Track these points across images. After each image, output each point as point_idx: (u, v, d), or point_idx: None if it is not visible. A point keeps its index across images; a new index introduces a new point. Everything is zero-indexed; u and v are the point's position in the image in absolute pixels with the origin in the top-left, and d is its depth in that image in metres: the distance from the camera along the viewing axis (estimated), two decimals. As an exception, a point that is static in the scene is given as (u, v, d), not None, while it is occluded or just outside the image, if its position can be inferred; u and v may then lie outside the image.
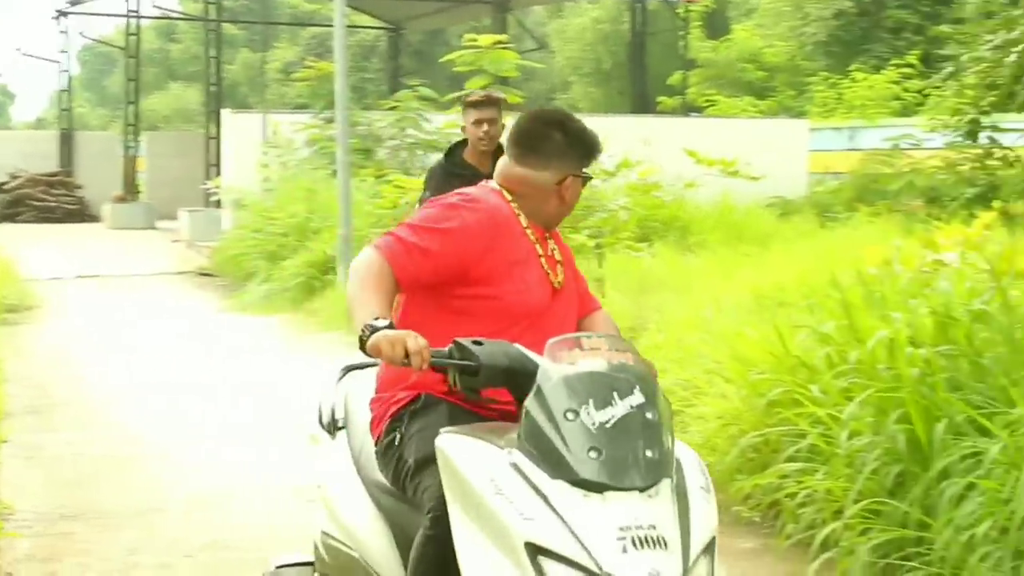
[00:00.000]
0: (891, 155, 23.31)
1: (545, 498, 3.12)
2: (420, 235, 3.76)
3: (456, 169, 7.44)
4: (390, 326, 3.43)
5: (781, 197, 22.74)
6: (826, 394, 6.53)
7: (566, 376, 3.27)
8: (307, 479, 7.36)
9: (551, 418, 3.20)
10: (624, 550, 3.05)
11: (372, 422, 3.95)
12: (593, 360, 3.33)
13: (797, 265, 11.18)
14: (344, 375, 4.42)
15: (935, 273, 7.87)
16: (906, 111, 29.67)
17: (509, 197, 3.97)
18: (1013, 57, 6.00)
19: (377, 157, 20.67)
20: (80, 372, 11.98)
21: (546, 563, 3.05)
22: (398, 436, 3.80)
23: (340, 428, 4.29)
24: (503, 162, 4.04)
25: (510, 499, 3.14)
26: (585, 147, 3.99)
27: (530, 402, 3.26)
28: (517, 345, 3.44)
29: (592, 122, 4.12)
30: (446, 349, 3.41)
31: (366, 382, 4.23)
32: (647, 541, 3.08)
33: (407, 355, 3.37)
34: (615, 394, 3.24)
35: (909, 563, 5.53)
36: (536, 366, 3.33)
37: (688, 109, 31.92)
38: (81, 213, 36.45)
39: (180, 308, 17.03)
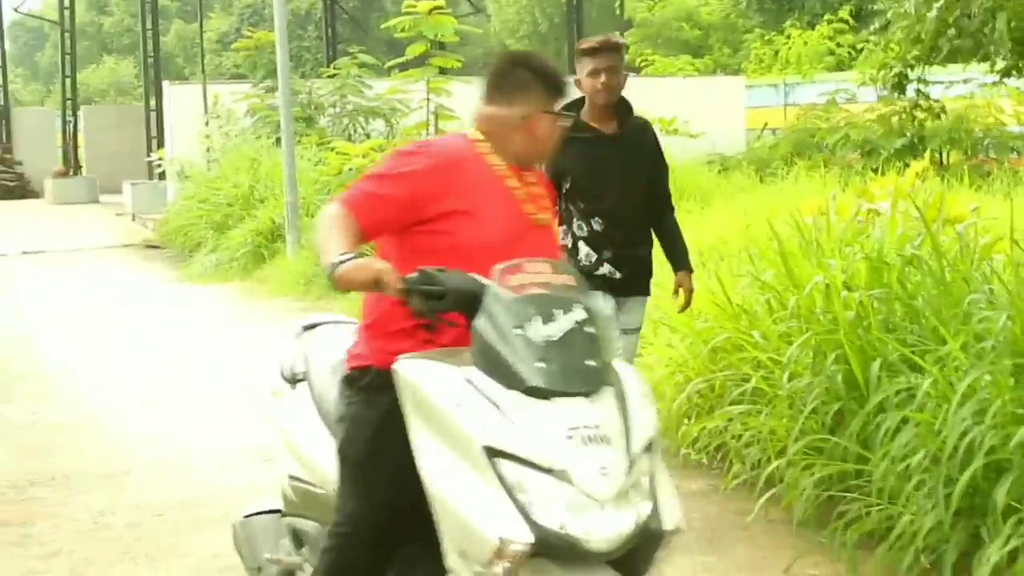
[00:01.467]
0: (827, 110, 23.63)
1: (499, 407, 3.39)
2: (377, 183, 3.94)
3: (571, 132, 5.92)
4: (355, 259, 3.65)
5: (720, 154, 23.01)
6: (767, 339, 6.82)
7: (513, 296, 3.53)
8: (262, 440, 7.65)
9: (501, 335, 3.47)
10: (573, 447, 3.34)
11: (349, 354, 4.11)
12: (537, 281, 3.59)
13: (738, 219, 11.42)
14: (303, 332, 4.70)
15: (869, 222, 8.16)
16: (841, 66, 30.02)
17: (479, 137, 4.11)
18: (934, 12, 6.25)
19: (319, 125, 20.78)
20: (34, 346, 12.10)
21: (502, 464, 3.32)
22: (344, 404, 4.04)
23: (300, 380, 4.55)
24: (476, 104, 4.19)
25: (467, 410, 3.40)
26: (549, 82, 4.11)
27: (479, 322, 3.52)
28: (473, 274, 3.65)
29: None
30: (411, 275, 3.61)
31: (322, 337, 4.54)
32: (593, 439, 3.37)
33: (377, 281, 3.59)
34: (558, 311, 3.52)
35: (850, 494, 5.80)
36: (484, 288, 3.58)
37: (626, 69, 32.14)
38: (22, 189, 36.22)
39: (128, 280, 17.09)
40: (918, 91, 19.89)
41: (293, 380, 4.61)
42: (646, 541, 3.44)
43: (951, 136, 20.15)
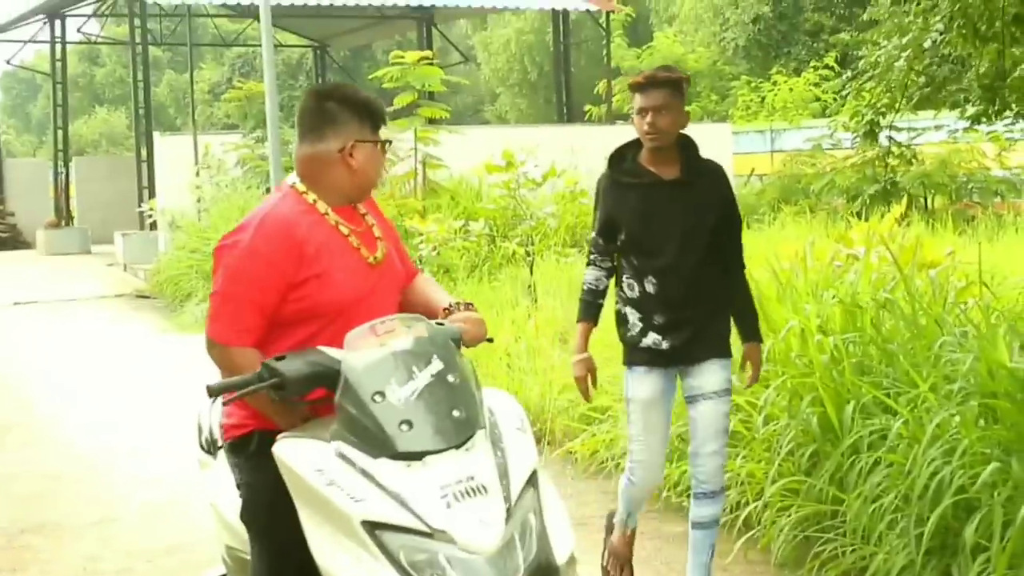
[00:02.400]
0: (812, 155, 23.87)
1: (372, 477, 3.41)
2: (231, 295, 3.87)
3: (626, 178, 5.51)
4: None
5: (706, 200, 23.11)
6: (744, 382, 6.93)
7: (366, 364, 3.55)
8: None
9: (360, 405, 3.49)
10: (448, 505, 3.35)
11: (224, 426, 4.13)
12: (389, 342, 3.61)
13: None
14: (215, 399, 4.53)
15: (847, 267, 8.30)
16: (826, 112, 30.27)
17: (302, 188, 4.01)
18: (902, 62, 6.41)
19: (309, 175, 20.89)
20: (25, 395, 12.19)
21: (384, 535, 3.33)
22: (235, 473, 4.07)
23: (219, 448, 4.48)
24: (294, 150, 4.08)
25: (340, 486, 3.41)
26: (358, 109, 3.98)
27: (340, 396, 3.55)
28: (320, 347, 3.70)
29: (520, 132, 4.35)
30: (255, 374, 3.67)
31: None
32: (467, 492, 3.39)
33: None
34: (414, 368, 3.54)
35: (826, 535, 5.94)
36: (338, 362, 3.61)
37: (614, 117, 32.31)
38: (14, 240, 36.31)
39: (120, 330, 17.18)
40: (890, 138, 20.11)
41: (212, 448, 4.61)
42: None
43: (932, 181, 20.35)
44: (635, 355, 5.54)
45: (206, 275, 18.66)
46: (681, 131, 5.47)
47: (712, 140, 27.40)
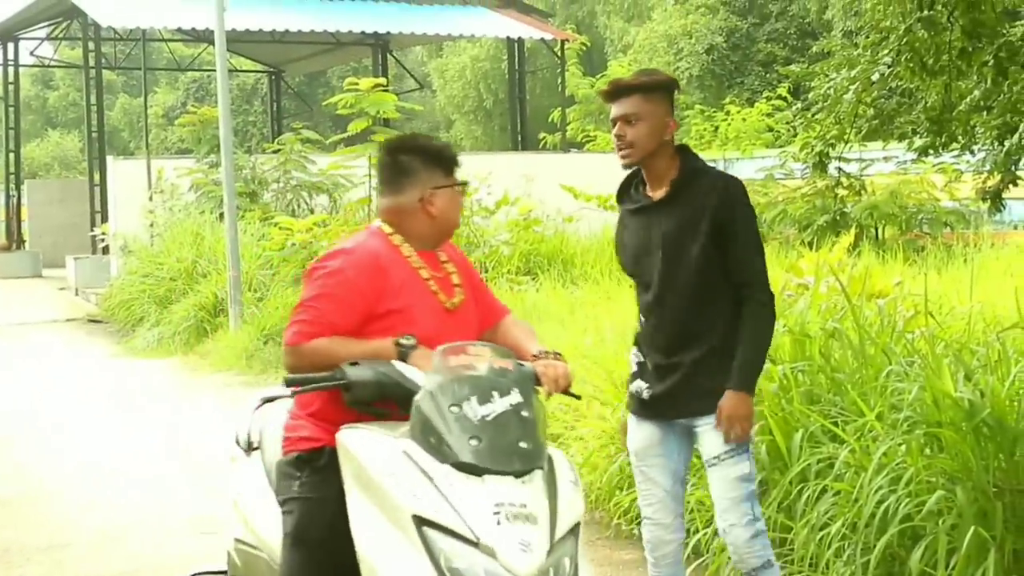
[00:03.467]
0: (765, 185, 24.02)
1: (431, 479, 3.57)
2: (318, 305, 4.11)
3: (625, 203, 4.90)
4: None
5: (661, 229, 23.22)
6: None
7: (453, 377, 3.75)
8: (201, 512, 7.77)
9: (438, 411, 3.67)
10: (498, 523, 3.51)
11: (284, 440, 4.30)
12: (477, 364, 3.81)
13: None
14: (261, 404, 4.89)
15: (797, 296, 8.38)
16: (779, 142, 30.48)
17: (388, 231, 4.28)
18: (851, 94, 6.50)
19: (263, 200, 20.91)
20: (-26, 420, 12.10)
21: (430, 533, 3.49)
22: (295, 485, 4.16)
23: (255, 449, 4.73)
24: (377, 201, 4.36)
25: (400, 480, 3.58)
26: (429, 157, 4.28)
27: (420, 398, 3.73)
28: (394, 362, 3.91)
29: (474, 160, 4.49)
30: (329, 373, 3.96)
31: (278, 411, 4.71)
32: (519, 516, 3.54)
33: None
34: (495, 393, 3.73)
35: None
36: (409, 380, 3.82)
37: (568, 145, 32.45)
38: (-36, 264, 36.03)
39: (71, 355, 17.09)
40: (839, 169, 20.29)
41: (249, 448, 4.79)
42: None
43: (881, 212, 20.50)
44: (628, 399, 5.06)
45: (158, 299, 18.63)
46: (667, 142, 4.71)
47: (666, 169, 27.68)
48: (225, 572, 4.99)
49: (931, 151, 7.64)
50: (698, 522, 6.56)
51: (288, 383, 3.97)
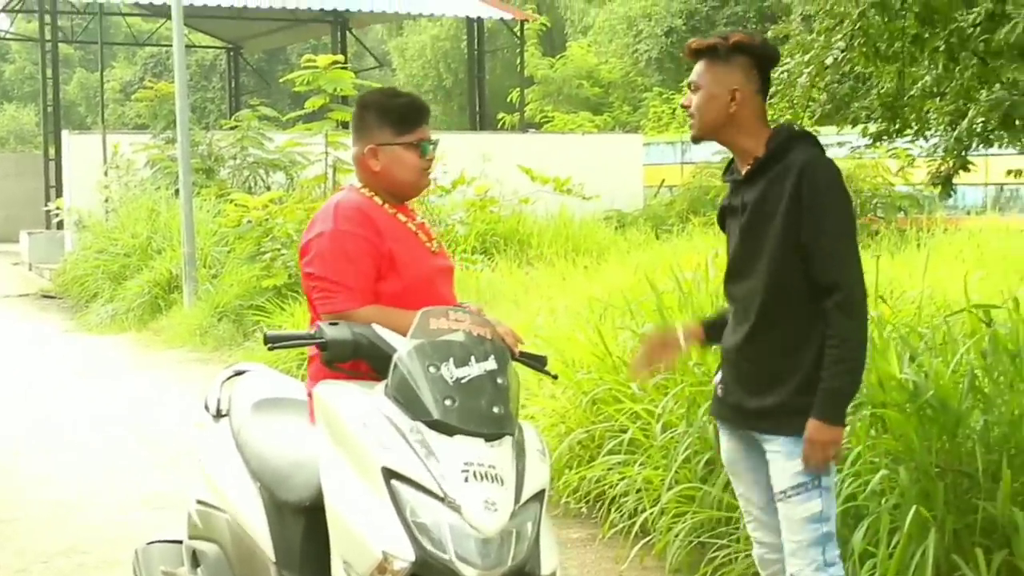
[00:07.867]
0: (721, 167, 24.10)
1: (403, 434, 3.64)
2: (337, 275, 4.12)
3: (728, 176, 4.32)
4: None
5: (617, 210, 23.34)
6: (644, 391, 7.02)
7: (432, 340, 3.80)
8: (152, 487, 7.77)
9: (416, 371, 3.73)
10: (466, 480, 3.57)
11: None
12: (459, 328, 3.86)
13: (629, 274, 11.68)
14: (232, 376, 5.06)
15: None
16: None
17: (358, 185, 4.36)
18: (804, 78, 6.51)
19: (219, 176, 20.82)
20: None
21: (398, 486, 3.56)
22: None
23: (223, 415, 4.82)
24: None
25: (372, 432, 3.65)
26: (385, 115, 4.27)
27: (399, 357, 3.78)
28: (374, 325, 3.95)
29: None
30: (307, 332, 4.00)
31: (246, 382, 4.92)
32: (486, 476, 3.60)
33: None
34: (472, 358, 3.79)
35: (720, 540, 6.02)
36: (386, 342, 3.87)
37: (527, 125, 32.44)
38: (-84, 238, 35.72)
39: (23, 330, 16.99)
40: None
41: (218, 414, 4.88)
42: None
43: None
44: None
45: (113, 275, 18.55)
46: (740, 115, 4.08)
47: (624, 151, 27.74)
48: (180, 542, 5.05)
49: (885, 137, 7.68)
50: (646, 501, 6.58)
51: (266, 339, 4.01)
